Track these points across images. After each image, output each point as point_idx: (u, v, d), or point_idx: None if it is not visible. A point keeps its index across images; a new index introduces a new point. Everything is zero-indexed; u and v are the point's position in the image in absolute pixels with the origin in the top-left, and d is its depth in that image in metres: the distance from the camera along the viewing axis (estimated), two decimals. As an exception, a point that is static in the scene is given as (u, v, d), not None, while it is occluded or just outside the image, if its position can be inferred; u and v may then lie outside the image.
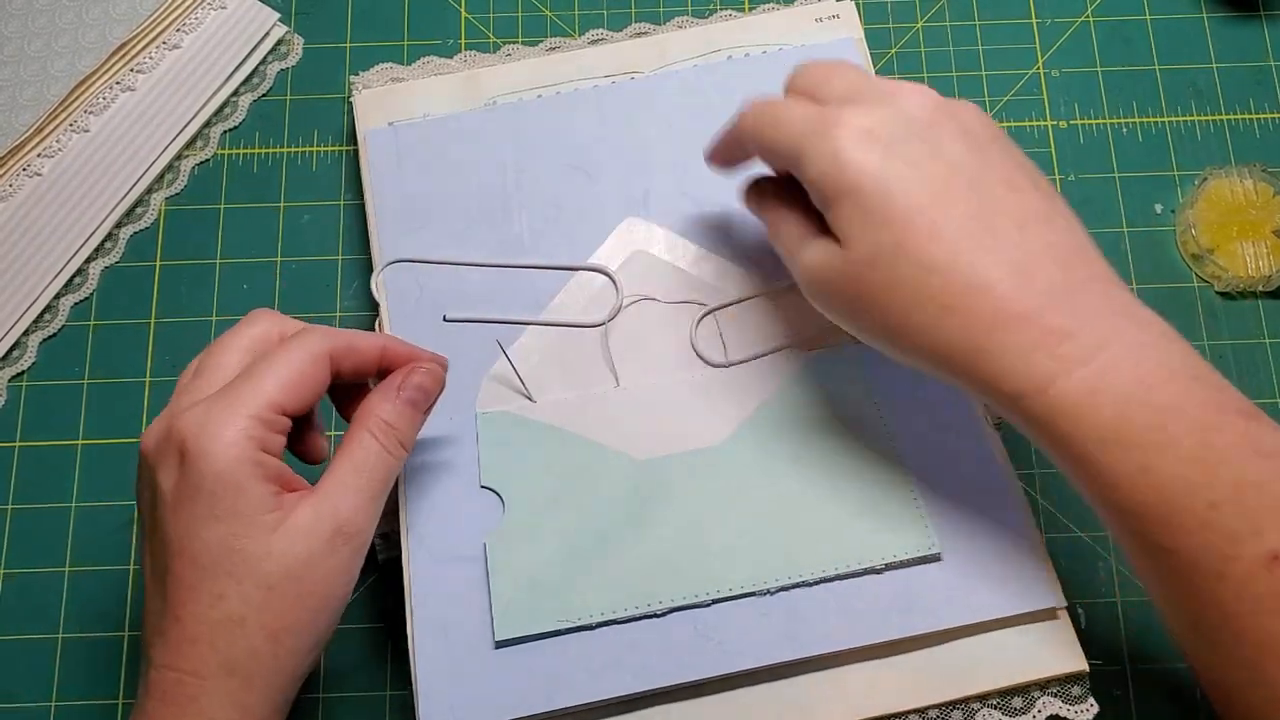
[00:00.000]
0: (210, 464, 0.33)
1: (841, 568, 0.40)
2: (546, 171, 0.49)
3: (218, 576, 0.33)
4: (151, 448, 0.35)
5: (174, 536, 0.34)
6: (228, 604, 0.33)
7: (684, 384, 0.45)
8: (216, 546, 0.33)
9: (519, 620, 0.40)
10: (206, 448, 0.33)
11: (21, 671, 0.45)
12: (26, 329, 0.49)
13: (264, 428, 0.34)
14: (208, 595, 0.33)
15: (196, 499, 0.33)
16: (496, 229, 0.48)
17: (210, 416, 0.34)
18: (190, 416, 0.34)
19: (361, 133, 0.50)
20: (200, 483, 0.33)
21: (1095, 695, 0.41)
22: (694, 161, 0.48)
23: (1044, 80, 0.53)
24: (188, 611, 0.33)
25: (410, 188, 0.48)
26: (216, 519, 0.33)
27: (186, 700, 0.33)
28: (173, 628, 0.34)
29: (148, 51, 0.52)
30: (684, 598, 0.40)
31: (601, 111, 0.50)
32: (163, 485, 0.34)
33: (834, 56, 0.49)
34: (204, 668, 0.33)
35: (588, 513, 0.42)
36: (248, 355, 0.37)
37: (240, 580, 0.33)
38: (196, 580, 0.33)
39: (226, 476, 0.33)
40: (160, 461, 0.34)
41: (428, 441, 0.44)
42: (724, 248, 0.47)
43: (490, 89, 0.50)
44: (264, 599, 0.33)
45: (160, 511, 0.34)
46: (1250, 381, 0.48)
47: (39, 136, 0.50)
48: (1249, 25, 0.54)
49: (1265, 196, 0.50)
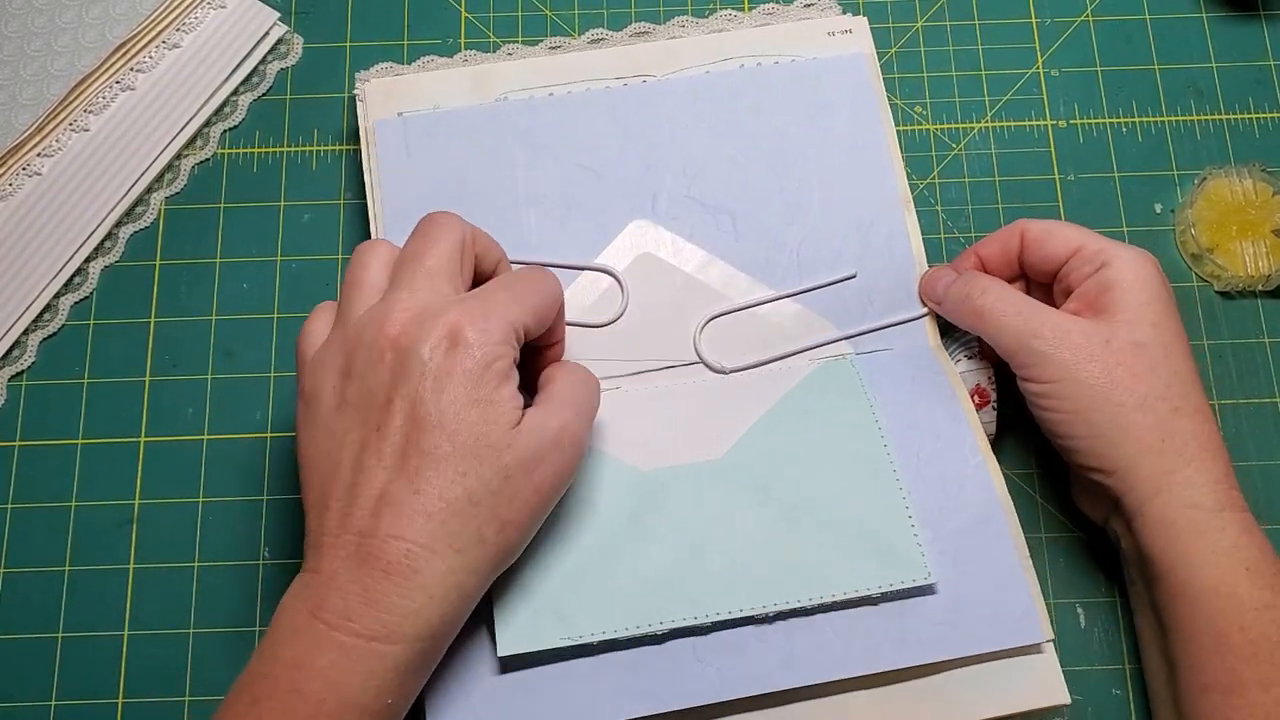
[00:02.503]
0: (485, 352, 0.36)
1: (839, 595, 0.40)
2: (556, 170, 0.49)
3: (465, 456, 0.35)
4: (406, 330, 0.36)
5: (432, 411, 0.35)
6: (468, 483, 0.35)
7: (686, 390, 0.45)
8: (472, 427, 0.35)
9: (522, 636, 0.40)
10: (483, 338, 0.36)
11: (21, 671, 0.45)
12: (26, 328, 0.49)
13: (516, 339, 0.37)
14: (453, 471, 0.35)
15: (466, 380, 0.35)
16: (504, 225, 0.48)
17: (486, 313, 0.36)
18: (465, 309, 0.36)
19: (370, 121, 0.50)
20: (471, 366, 0.35)
21: (1095, 694, 0.41)
22: (703, 166, 0.48)
23: (1043, 80, 0.53)
24: (430, 484, 0.35)
25: (417, 179, 0.48)
26: (478, 402, 0.35)
27: (411, 572, 0.34)
28: (410, 499, 0.35)
29: (147, 51, 0.52)
30: (683, 619, 0.40)
31: (613, 113, 0.49)
32: (427, 363, 0.35)
33: (844, 71, 0.50)
34: (435, 542, 0.34)
35: (588, 526, 0.42)
36: (461, 257, 0.39)
37: (484, 463, 0.35)
38: (447, 454, 0.35)
39: (495, 366, 0.36)
40: (423, 341, 0.35)
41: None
42: (730, 254, 0.47)
43: (501, 85, 0.50)
44: (500, 486, 0.35)
45: (414, 387, 0.35)
46: (1250, 381, 0.48)
47: (39, 136, 0.50)
48: (1248, 25, 0.54)
49: (1264, 196, 0.50)
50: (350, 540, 0.35)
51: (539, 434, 0.36)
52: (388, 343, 0.36)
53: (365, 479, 0.35)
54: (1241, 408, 0.48)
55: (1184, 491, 0.40)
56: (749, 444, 0.43)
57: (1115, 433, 0.40)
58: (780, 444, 0.43)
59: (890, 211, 0.48)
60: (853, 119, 0.49)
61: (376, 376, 0.36)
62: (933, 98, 0.53)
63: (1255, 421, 0.48)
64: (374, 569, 0.34)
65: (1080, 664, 0.44)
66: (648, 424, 0.44)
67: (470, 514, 0.35)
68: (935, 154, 0.52)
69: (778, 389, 0.45)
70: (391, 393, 0.35)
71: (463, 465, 0.35)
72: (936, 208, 0.51)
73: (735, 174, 0.48)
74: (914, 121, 0.52)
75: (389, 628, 0.34)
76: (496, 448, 0.35)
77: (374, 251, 0.39)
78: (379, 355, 0.36)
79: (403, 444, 0.35)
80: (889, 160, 0.49)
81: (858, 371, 0.45)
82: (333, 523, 0.35)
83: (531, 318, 0.38)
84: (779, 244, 0.47)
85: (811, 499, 0.42)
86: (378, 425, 0.35)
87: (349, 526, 0.35)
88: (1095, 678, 0.44)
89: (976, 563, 0.41)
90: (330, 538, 0.35)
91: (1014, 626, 0.40)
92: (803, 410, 0.44)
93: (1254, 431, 0.48)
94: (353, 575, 0.34)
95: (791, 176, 0.48)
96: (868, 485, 0.42)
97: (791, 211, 0.48)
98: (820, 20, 0.52)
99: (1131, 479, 0.40)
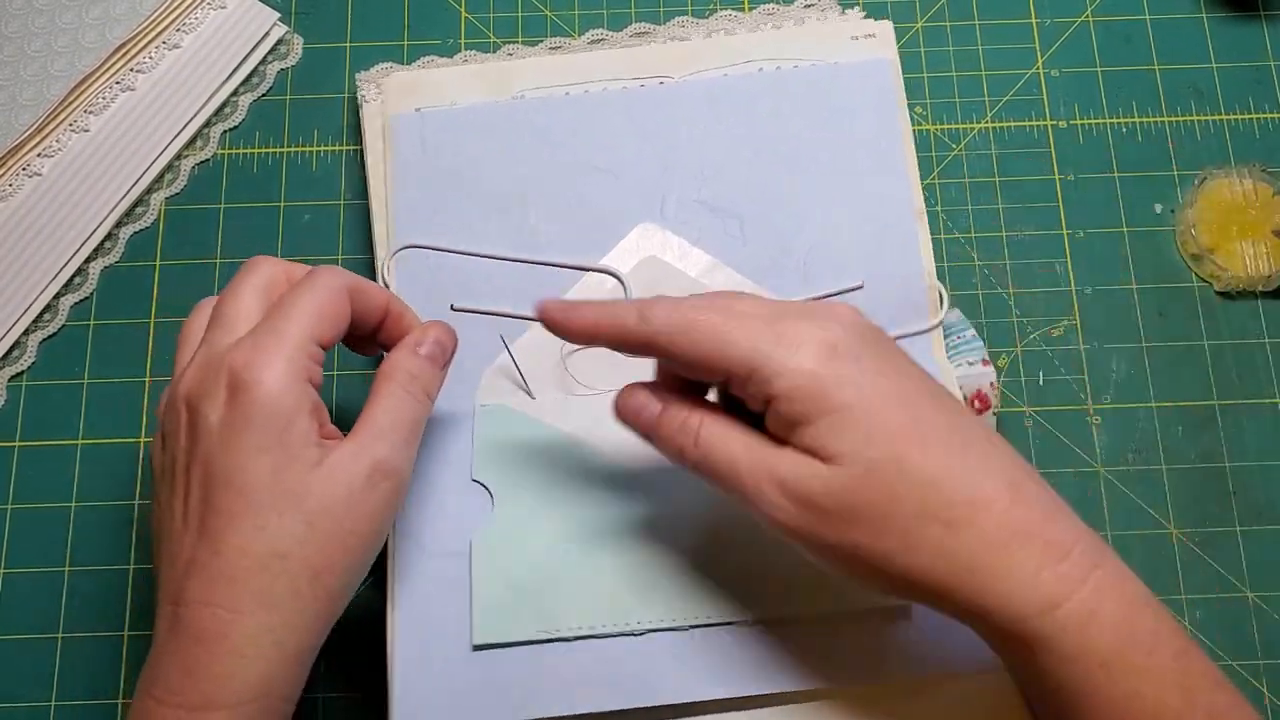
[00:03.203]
0: (262, 393, 0.34)
1: (821, 608, 0.40)
2: (567, 169, 0.48)
3: (261, 509, 0.33)
4: (191, 388, 0.35)
5: (220, 469, 0.34)
6: (269, 536, 0.33)
7: None
8: (263, 477, 0.34)
9: (498, 626, 0.40)
10: (259, 377, 0.34)
11: (21, 671, 0.45)
12: (26, 329, 0.49)
13: (308, 358, 0.35)
14: (251, 527, 0.33)
15: (248, 429, 0.34)
16: (512, 222, 0.48)
17: (260, 348, 0.34)
18: (239, 351, 0.34)
19: (387, 115, 0.49)
20: (251, 413, 0.34)
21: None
22: (714, 171, 0.48)
23: (1044, 80, 0.53)
24: (229, 544, 0.33)
25: (431, 174, 0.48)
26: (265, 450, 0.34)
27: (220, 637, 0.33)
28: (211, 561, 0.33)
29: (148, 51, 0.52)
30: (663, 620, 0.40)
31: (628, 114, 0.49)
32: (209, 418, 0.34)
33: (866, 77, 0.49)
34: (242, 603, 0.33)
35: (575, 521, 0.42)
36: (264, 298, 0.37)
37: (282, 513, 0.33)
38: (241, 511, 0.33)
39: (277, 407, 0.34)
40: (205, 396, 0.34)
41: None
42: (736, 260, 0.47)
43: (519, 83, 0.50)
44: (305, 534, 0.34)
45: (203, 447, 0.34)
46: (1250, 381, 0.48)
47: (39, 136, 0.50)
48: (1248, 25, 0.54)
49: (1264, 196, 0.50)
50: (168, 610, 0.34)
51: (345, 474, 0.35)
52: (181, 402, 0.35)
53: (177, 546, 0.34)
54: (1241, 408, 0.48)
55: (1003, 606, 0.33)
56: None
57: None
58: None
59: (902, 222, 0.47)
60: (871, 126, 0.49)
61: (178, 442, 0.35)
62: (933, 98, 0.53)
63: (1255, 422, 0.48)
64: (186, 637, 0.33)
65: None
66: None
67: (278, 569, 0.33)
68: (935, 154, 0.52)
69: None
70: (189, 457, 0.35)
71: (260, 519, 0.33)
72: (937, 208, 0.51)
73: (749, 178, 0.48)
74: (914, 122, 0.52)
75: (207, 696, 0.33)
76: (295, 495, 0.34)
77: (232, 287, 0.38)
78: (177, 417, 0.35)
79: (200, 507, 0.34)
80: (904, 169, 0.48)
81: None
82: (159, 593, 0.35)
83: (320, 325, 0.36)
84: (787, 250, 0.47)
85: None
86: (183, 491, 0.35)
87: (167, 595, 0.34)
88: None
89: None
90: (158, 609, 0.35)
91: (985, 648, 0.40)
92: None
93: (1254, 432, 0.48)
94: (171, 646, 0.33)
95: (804, 182, 0.48)
96: None
97: (801, 217, 0.48)
98: (843, 24, 0.51)
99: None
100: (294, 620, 0.34)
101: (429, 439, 0.44)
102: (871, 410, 0.33)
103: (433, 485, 0.43)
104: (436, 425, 0.44)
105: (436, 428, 0.44)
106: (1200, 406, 0.48)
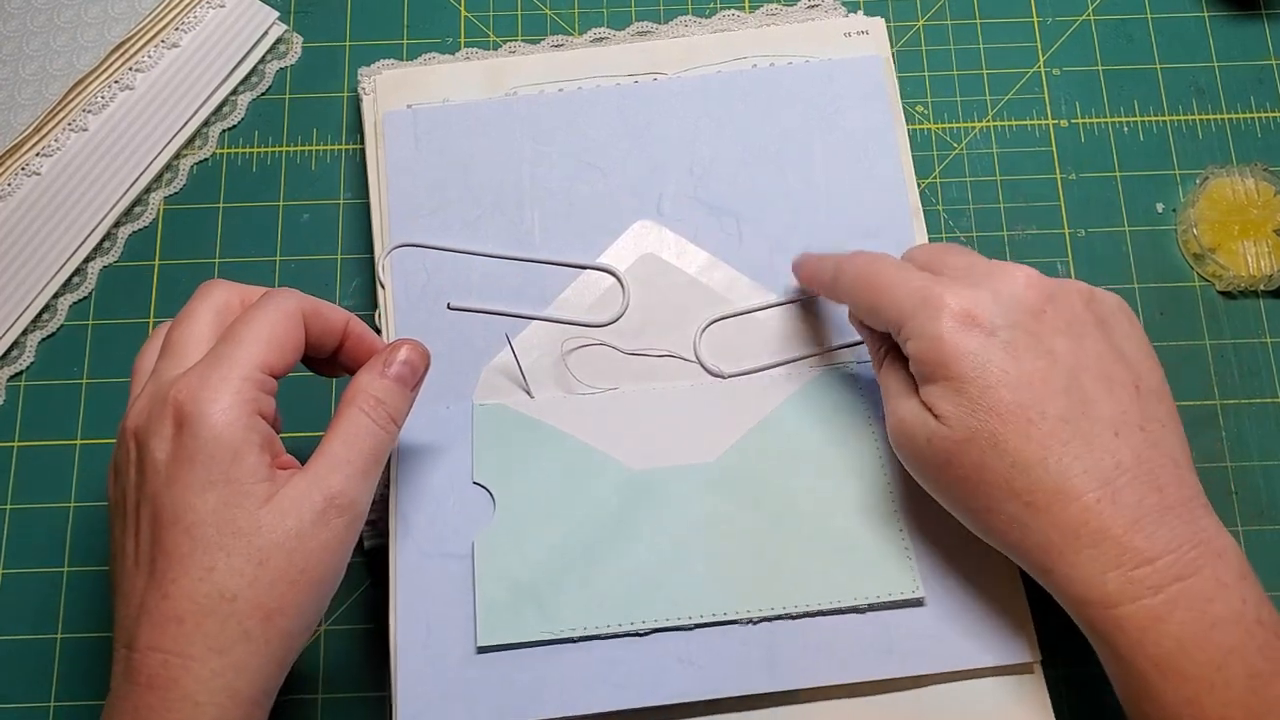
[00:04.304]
0: (208, 427, 0.33)
1: (825, 604, 0.40)
2: (562, 166, 0.48)
3: (209, 548, 0.32)
4: (139, 423, 0.34)
5: (167, 506, 0.33)
6: (218, 578, 0.32)
7: (683, 393, 0.45)
8: (210, 516, 0.32)
9: (502, 628, 0.40)
10: (204, 410, 0.33)
11: (21, 671, 0.45)
12: (25, 328, 0.49)
13: (256, 388, 0.34)
14: (198, 568, 0.32)
15: (193, 465, 0.33)
16: (508, 221, 0.47)
17: (205, 380, 0.33)
18: (184, 383, 0.33)
19: (379, 113, 0.49)
20: (197, 447, 0.33)
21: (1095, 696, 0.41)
22: (710, 167, 0.47)
23: (1045, 79, 0.53)
24: (177, 587, 0.32)
25: (425, 172, 0.48)
26: (211, 485, 0.33)
27: (170, 684, 0.32)
28: (160, 605, 0.32)
29: (146, 50, 0.52)
30: (667, 619, 0.40)
31: (622, 110, 0.49)
32: (155, 455, 0.33)
33: (859, 74, 0.49)
34: (192, 648, 0.32)
35: (576, 521, 0.42)
36: (216, 325, 0.36)
37: (231, 553, 0.32)
38: (188, 551, 0.32)
39: (224, 440, 0.33)
40: (152, 433, 0.33)
41: (421, 430, 0.44)
42: (733, 258, 0.47)
43: (512, 79, 0.50)
44: (255, 574, 0.32)
45: (151, 485, 0.33)
46: (1251, 381, 0.48)
47: (37, 135, 0.50)
48: (1250, 24, 0.54)
49: (1266, 196, 0.50)
50: (122, 655, 0.33)
51: (296, 509, 0.33)
52: (130, 437, 0.34)
53: (129, 586, 0.33)
54: (1243, 408, 0.48)
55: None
56: (744, 449, 0.43)
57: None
58: (775, 450, 0.43)
59: (898, 219, 0.47)
60: (864, 123, 0.49)
61: (128, 478, 0.34)
62: (934, 97, 0.53)
63: (1256, 421, 0.48)
64: (138, 684, 0.32)
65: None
66: (643, 424, 0.44)
67: (226, 611, 0.32)
68: (936, 153, 0.52)
69: (776, 395, 0.44)
70: (138, 494, 0.34)
71: (208, 559, 0.32)
72: (938, 207, 0.51)
73: (743, 175, 0.48)
74: (915, 121, 0.52)
75: None
76: (244, 533, 0.33)
77: (184, 315, 0.36)
78: (127, 453, 0.34)
79: (150, 548, 0.33)
80: (899, 167, 0.48)
81: (858, 381, 0.45)
82: (115, 634, 0.34)
83: (270, 352, 0.35)
84: (783, 248, 0.47)
85: (804, 507, 0.42)
86: (134, 529, 0.34)
87: (121, 640, 0.33)
88: (1096, 679, 0.44)
89: (968, 579, 0.41)
90: (114, 651, 0.34)
91: (1002, 644, 0.40)
92: (800, 417, 0.44)
93: (1255, 431, 0.48)
94: (125, 693, 0.32)
95: (799, 180, 0.48)
96: (861, 495, 0.42)
97: (797, 215, 0.48)
98: (836, 21, 0.51)
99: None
100: (247, 663, 0.33)
101: (429, 438, 0.43)
102: (985, 386, 0.35)
103: (433, 487, 0.43)
104: (436, 426, 0.44)
105: (436, 428, 0.44)
106: (1202, 406, 0.48)
